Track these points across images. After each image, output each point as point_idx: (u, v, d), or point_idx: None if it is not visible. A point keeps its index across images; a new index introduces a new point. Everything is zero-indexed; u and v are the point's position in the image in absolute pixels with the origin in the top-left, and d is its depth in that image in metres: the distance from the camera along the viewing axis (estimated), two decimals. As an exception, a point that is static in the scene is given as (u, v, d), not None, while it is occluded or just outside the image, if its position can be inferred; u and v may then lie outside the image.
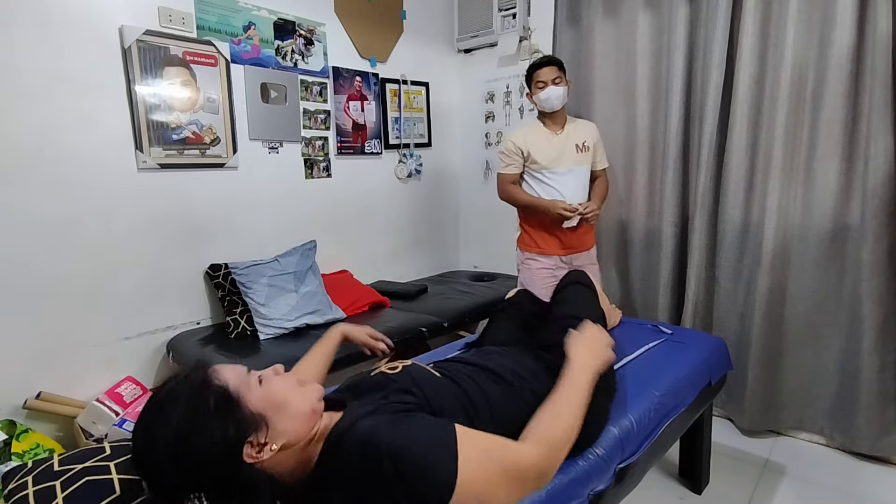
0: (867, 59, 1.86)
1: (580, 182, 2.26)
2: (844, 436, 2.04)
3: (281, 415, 0.80)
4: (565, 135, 2.27)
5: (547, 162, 2.24)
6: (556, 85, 2.19)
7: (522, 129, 2.36)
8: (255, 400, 0.79)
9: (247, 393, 0.79)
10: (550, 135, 2.27)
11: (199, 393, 0.77)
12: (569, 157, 2.24)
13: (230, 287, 2.23)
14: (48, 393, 1.85)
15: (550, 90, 2.19)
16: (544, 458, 0.85)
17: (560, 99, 2.21)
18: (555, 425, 0.91)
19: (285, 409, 0.81)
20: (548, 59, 2.24)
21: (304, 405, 0.83)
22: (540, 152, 2.25)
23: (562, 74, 2.21)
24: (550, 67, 2.20)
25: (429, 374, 1.03)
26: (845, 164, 1.95)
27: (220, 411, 0.75)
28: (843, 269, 2.00)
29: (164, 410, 0.75)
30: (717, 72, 2.16)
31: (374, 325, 2.20)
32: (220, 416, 0.75)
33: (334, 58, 2.67)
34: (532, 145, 2.26)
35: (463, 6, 3.15)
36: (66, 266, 1.89)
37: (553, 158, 2.24)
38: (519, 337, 1.50)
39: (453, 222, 3.49)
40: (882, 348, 1.92)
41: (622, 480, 1.20)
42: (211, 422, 0.74)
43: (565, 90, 2.21)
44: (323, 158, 2.67)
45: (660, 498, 1.85)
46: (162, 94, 2.07)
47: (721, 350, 1.77)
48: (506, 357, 1.22)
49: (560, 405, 0.95)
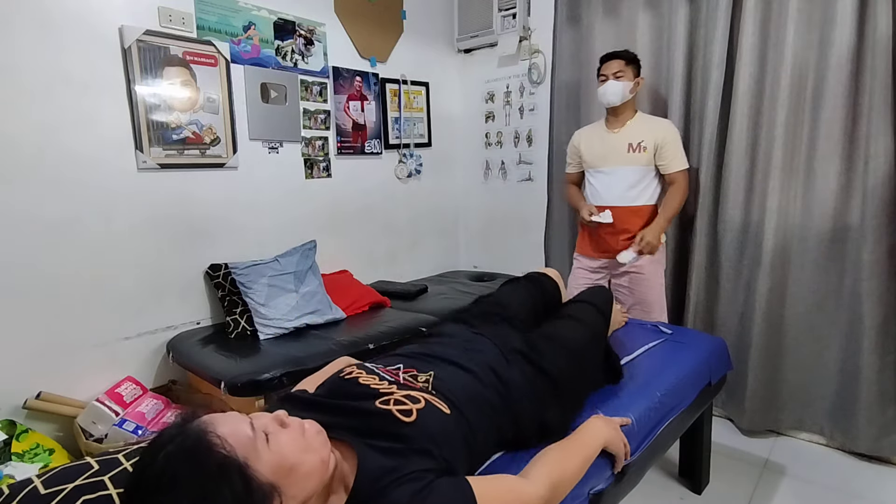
0: (867, 59, 1.86)
1: (624, 183, 2.15)
2: (844, 436, 2.04)
3: (292, 479, 0.72)
4: (622, 133, 2.16)
5: (592, 160, 2.20)
6: (618, 80, 2.08)
7: (587, 127, 2.32)
8: (265, 468, 0.69)
9: (255, 461, 0.69)
10: (607, 133, 2.19)
11: (203, 469, 0.66)
12: (617, 156, 2.14)
13: (230, 287, 2.23)
14: (48, 393, 1.85)
15: (608, 85, 2.10)
16: (547, 500, 0.91)
17: (617, 95, 2.10)
18: (563, 470, 0.98)
19: (296, 471, 0.73)
20: (615, 52, 2.14)
21: (314, 461, 0.76)
22: (589, 150, 2.21)
23: (629, 69, 2.10)
24: (615, 61, 2.10)
25: (440, 416, 0.95)
26: (845, 164, 1.95)
27: (232, 491, 0.65)
28: (843, 269, 2.00)
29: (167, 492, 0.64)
30: (717, 72, 2.16)
31: (374, 325, 2.24)
32: (231, 497, 0.65)
33: (334, 58, 2.67)
34: (584, 142, 2.23)
35: (463, 6, 3.15)
36: (66, 266, 1.89)
37: (599, 157, 2.18)
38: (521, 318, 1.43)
39: (453, 222, 3.49)
40: (882, 348, 1.92)
41: (622, 480, 1.19)
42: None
43: (625, 86, 2.09)
44: (323, 158, 2.68)
45: (660, 498, 1.85)
46: (162, 94, 2.07)
47: (721, 350, 1.77)
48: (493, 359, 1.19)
49: (569, 454, 1.03)
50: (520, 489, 0.89)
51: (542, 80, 2.95)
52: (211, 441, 0.68)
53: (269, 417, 0.77)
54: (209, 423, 0.71)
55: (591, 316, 1.43)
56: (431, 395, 0.98)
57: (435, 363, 1.11)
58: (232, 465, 0.67)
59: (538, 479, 0.93)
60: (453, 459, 0.90)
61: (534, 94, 3.01)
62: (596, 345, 1.39)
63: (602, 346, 1.42)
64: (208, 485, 0.65)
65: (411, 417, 0.90)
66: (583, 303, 1.50)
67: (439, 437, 0.90)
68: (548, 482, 0.93)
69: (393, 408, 0.91)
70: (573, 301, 1.55)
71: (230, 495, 0.65)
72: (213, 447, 0.67)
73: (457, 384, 1.05)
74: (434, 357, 1.14)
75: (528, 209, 3.07)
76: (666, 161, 2.12)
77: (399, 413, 0.90)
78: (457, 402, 0.99)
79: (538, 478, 0.93)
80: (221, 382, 1.75)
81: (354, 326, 2.26)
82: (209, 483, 0.65)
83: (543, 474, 0.95)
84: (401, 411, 0.91)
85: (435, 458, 0.86)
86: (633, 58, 2.15)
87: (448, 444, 0.91)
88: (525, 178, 3.13)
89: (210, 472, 0.65)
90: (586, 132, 2.31)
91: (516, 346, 1.26)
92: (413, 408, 0.92)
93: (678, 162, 2.12)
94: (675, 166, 2.12)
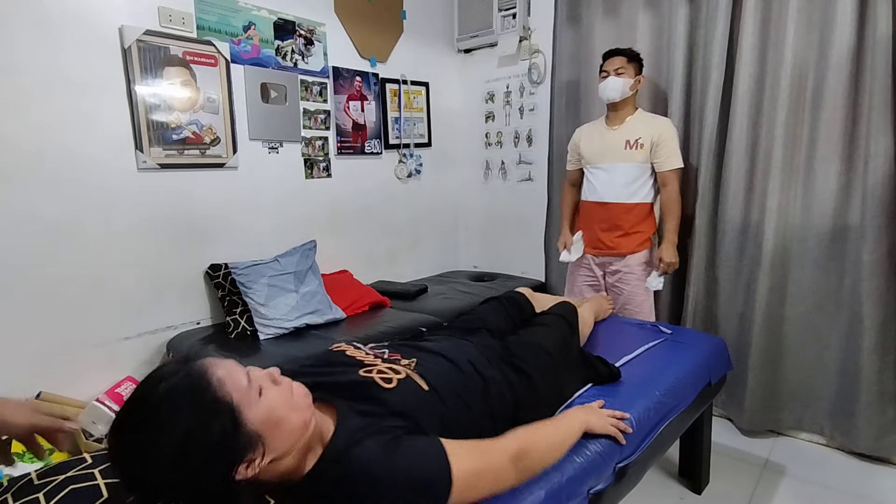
0: (867, 59, 1.86)
1: (622, 180, 2.16)
2: (844, 436, 2.04)
3: (277, 432, 0.77)
4: (620, 130, 2.16)
5: (590, 156, 2.21)
6: (618, 76, 2.08)
7: (588, 124, 2.34)
8: (255, 419, 0.75)
9: (248, 410, 0.74)
10: (606, 129, 2.20)
11: (202, 406, 0.71)
12: (614, 152, 2.15)
13: (230, 287, 2.23)
14: (48, 393, 1.85)
15: (608, 81, 2.10)
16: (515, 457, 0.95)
17: (617, 91, 2.10)
18: (533, 436, 1.03)
19: (281, 426, 0.78)
20: (618, 49, 2.14)
21: (298, 421, 0.81)
22: (588, 146, 2.22)
23: (630, 67, 2.11)
24: (616, 57, 2.11)
25: (418, 390, 1.01)
26: (845, 164, 1.95)
27: (223, 430, 0.71)
28: (843, 269, 2.00)
29: (163, 418, 0.69)
30: (717, 72, 2.16)
31: (374, 325, 2.24)
32: (222, 436, 0.70)
33: (334, 58, 2.67)
34: (584, 139, 2.24)
35: (463, 6, 3.15)
36: (66, 266, 1.89)
37: (597, 153, 2.19)
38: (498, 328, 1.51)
39: (453, 222, 3.49)
40: (882, 348, 1.92)
41: (622, 479, 1.20)
42: (213, 440, 0.70)
43: (626, 83, 2.10)
44: (323, 158, 2.68)
45: (660, 497, 1.85)
46: (162, 94, 2.07)
47: (721, 350, 1.77)
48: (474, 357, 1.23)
49: (543, 426, 1.09)
50: (488, 444, 0.95)
51: (542, 80, 2.95)
52: (210, 381, 0.73)
53: (263, 373, 0.82)
54: (210, 364, 0.76)
55: (561, 324, 1.53)
56: (413, 373, 1.05)
57: (419, 353, 1.16)
58: (225, 407, 0.72)
59: (508, 439, 0.99)
60: (429, 428, 0.94)
61: (534, 94, 3.01)
62: (567, 348, 1.46)
63: (574, 349, 1.50)
64: (202, 419, 0.70)
65: (391, 385, 0.98)
66: (552, 314, 1.60)
67: (416, 409, 0.96)
68: (516, 443, 0.98)
69: (375, 376, 0.99)
70: (544, 313, 1.64)
71: (220, 433, 0.70)
72: (211, 386, 0.73)
73: (438, 370, 1.10)
74: (419, 349, 1.20)
75: (528, 209, 3.07)
76: (661, 158, 2.12)
77: (380, 380, 0.98)
78: (436, 385, 1.04)
79: (509, 439, 1.00)
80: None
81: (354, 326, 2.26)
82: (203, 417, 0.70)
83: (513, 437, 1.01)
84: (382, 379, 0.99)
85: (409, 420, 0.92)
86: (636, 55, 2.15)
87: (424, 418, 0.96)
88: (525, 178, 3.13)
89: (206, 408, 0.71)
90: (587, 129, 2.33)
91: (497, 349, 1.33)
92: (394, 377, 1.00)
93: (673, 160, 2.12)
94: (669, 164, 2.12)
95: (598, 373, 1.43)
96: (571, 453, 1.10)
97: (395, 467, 0.81)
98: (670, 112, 2.32)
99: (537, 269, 3.04)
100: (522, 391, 1.21)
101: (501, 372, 1.22)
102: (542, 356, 1.34)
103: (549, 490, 1.00)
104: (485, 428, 1.08)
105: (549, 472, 1.03)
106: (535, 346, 1.38)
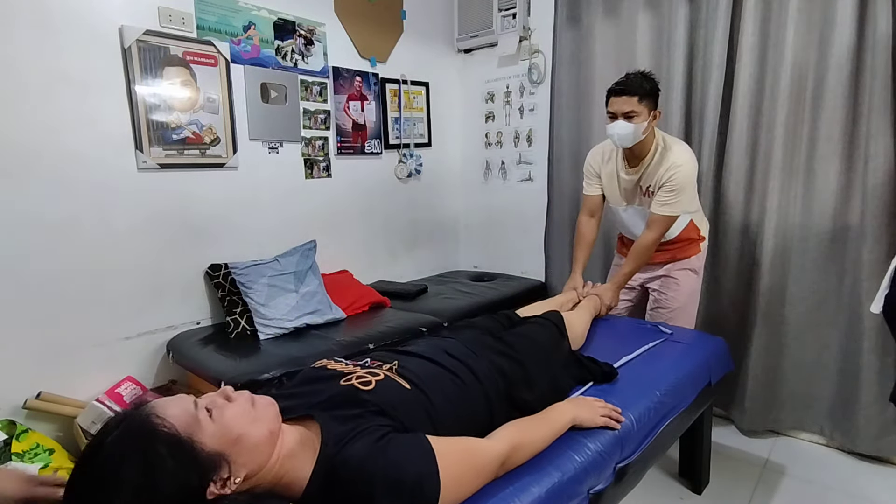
0: (867, 59, 1.87)
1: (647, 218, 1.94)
2: (844, 436, 2.04)
3: (239, 448, 0.77)
4: (638, 173, 1.90)
5: (611, 197, 2.06)
6: (628, 120, 1.74)
7: (603, 149, 2.04)
8: (210, 440, 0.75)
9: (199, 434, 0.74)
10: (623, 169, 1.94)
11: (147, 447, 0.70)
12: (635, 198, 1.97)
13: (230, 287, 2.23)
14: (48, 393, 1.85)
15: (617, 126, 1.76)
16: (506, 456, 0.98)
17: (628, 139, 1.78)
18: (524, 434, 1.06)
19: (242, 441, 0.78)
20: (624, 86, 1.75)
21: (262, 432, 0.81)
22: (608, 186, 2.03)
23: (643, 107, 1.75)
24: (625, 98, 1.74)
25: (399, 388, 1.02)
26: (845, 164, 1.95)
27: (177, 463, 0.70)
28: (843, 269, 2.00)
29: (113, 474, 0.68)
30: (717, 72, 2.16)
31: (374, 325, 2.24)
32: (177, 469, 0.70)
33: (334, 58, 2.67)
34: (604, 176, 2.02)
35: (463, 6, 3.15)
36: (66, 266, 1.89)
37: (617, 197, 2.02)
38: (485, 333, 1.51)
39: (453, 222, 3.49)
40: (882, 348, 1.92)
41: (622, 479, 1.20)
42: (169, 478, 0.69)
43: (637, 128, 1.75)
44: (323, 158, 2.68)
45: (660, 497, 1.85)
46: (162, 94, 2.07)
47: (721, 350, 1.77)
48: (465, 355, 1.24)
49: (533, 422, 1.12)
50: (477, 444, 0.97)
51: (542, 80, 2.95)
52: (153, 422, 0.73)
53: (214, 394, 0.83)
54: (152, 406, 0.76)
55: (549, 325, 1.56)
56: (393, 374, 1.06)
57: (399, 356, 1.18)
58: (173, 440, 0.72)
59: (499, 437, 1.02)
60: (413, 428, 0.95)
61: (534, 94, 3.01)
62: (558, 345, 1.50)
63: (565, 349, 1.53)
64: (152, 460, 0.70)
65: (370, 387, 0.99)
66: (541, 317, 1.63)
67: (398, 407, 0.96)
68: (508, 441, 1.01)
69: (354, 382, 1.00)
70: (532, 317, 1.66)
71: (175, 466, 0.70)
72: (155, 427, 0.73)
73: (419, 369, 1.11)
74: (400, 353, 1.21)
75: (528, 209, 3.07)
76: (657, 199, 1.85)
77: (359, 384, 0.99)
78: (418, 383, 1.05)
79: (500, 437, 1.02)
80: (221, 382, 1.75)
81: (354, 326, 2.26)
82: (153, 458, 0.70)
83: (505, 435, 1.04)
84: (361, 383, 1.00)
85: (392, 418, 0.93)
86: (649, 91, 1.77)
87: (407, 415, 0.96)
88: (525, 178, 3.13)
89: (153, 449, 0.70)
90: (606, 167, 2.02)
91: (487, 341, 1.36)
92: (373, 380, 1.01)
93: (665, 209, 1.83)
94: (660, 210, 1.84)
95: (591, 372, 1.44)
96: (572, 453, 1.10)
97: (388, 462, 0.82)
98: (670, 112, 2.32)
99: (537, 269, 3.04)
100: (514, 374, 1.24)
101: (489, 360, 1.25)
102: (533, 345, 1.39)
103: (549, 490, 1.00)
104: (479, 413, 1.11)
105: (550, 471, 1.03)
106: (526, 337, 1.43)
